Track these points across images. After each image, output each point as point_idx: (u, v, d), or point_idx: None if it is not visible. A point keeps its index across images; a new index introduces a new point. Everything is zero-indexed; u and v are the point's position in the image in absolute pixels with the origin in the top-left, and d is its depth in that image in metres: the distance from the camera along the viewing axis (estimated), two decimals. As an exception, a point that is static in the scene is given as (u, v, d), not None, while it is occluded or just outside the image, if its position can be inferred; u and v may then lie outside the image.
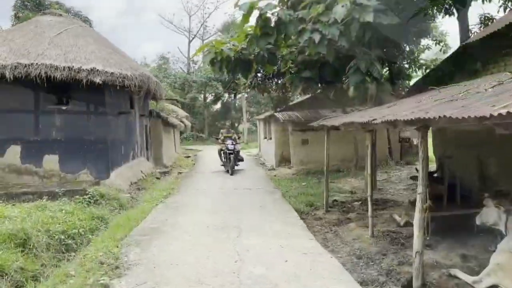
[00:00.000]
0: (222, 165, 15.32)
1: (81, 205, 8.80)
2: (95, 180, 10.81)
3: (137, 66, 12.93)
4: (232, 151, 14.75)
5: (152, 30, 73.07)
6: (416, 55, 16.96)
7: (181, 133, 33.60)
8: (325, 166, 8.77)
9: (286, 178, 13.25)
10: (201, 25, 44.67)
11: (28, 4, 23.06)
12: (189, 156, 25.78)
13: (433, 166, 11.96)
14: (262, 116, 19.79)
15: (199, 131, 42.13)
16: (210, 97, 43.71)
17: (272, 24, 8.90)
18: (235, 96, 43.96)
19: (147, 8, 63.59)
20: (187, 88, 40.21)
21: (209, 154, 25.11)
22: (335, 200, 9.81)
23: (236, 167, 15.08)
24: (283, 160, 16.02)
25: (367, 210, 8.82)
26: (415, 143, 15.84)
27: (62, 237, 6.64)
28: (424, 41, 17.30)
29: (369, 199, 6.51)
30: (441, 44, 17.52)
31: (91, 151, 11.08)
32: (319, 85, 12.84)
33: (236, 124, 45.57)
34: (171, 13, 64.08)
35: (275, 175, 14.26)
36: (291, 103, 14.85)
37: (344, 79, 11.09)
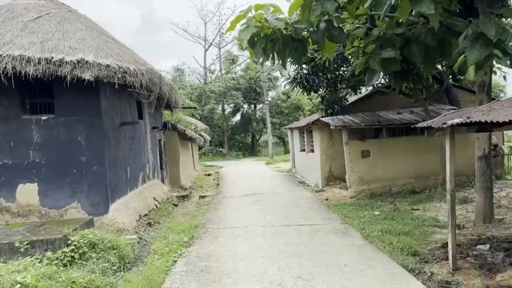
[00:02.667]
0: None
1: (58, 265, 5.65)
2: (88, 217, 7.67)
3: (145, 62, 9.88)
4: None
5: (168, 46, 71.12)
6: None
7: (199, 148, 30.62)
8: (448, 188, 5.35)
9: (346, 204, 9.86)
10: (217, 31, 41.97)
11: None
12: (209, 174, 22.64)
13: None
14: (298, 124, 16.47)
15: (218, 146, 39.04)
16: (228, 108, 40.74)
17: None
18: (255, 106, 41.08)
19: (163, 25, 61.35)
20: (204, 99, 37.33)
21: (233, 172, 21.88)
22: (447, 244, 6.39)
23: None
24: (332, 178, 12.65)
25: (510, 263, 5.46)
26: (506, 151, 12.28)
27: None
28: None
29: None
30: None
31: (82, 177, 7.99)
32: (386, 77, 9.58)
33: (258, 137, 42.42)
34: (186, 21, 60.99)
35: (327, 199, 10.87)
36: (346, 104, 11.53)
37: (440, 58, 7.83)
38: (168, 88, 11.54)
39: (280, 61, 7.05)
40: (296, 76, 9.90)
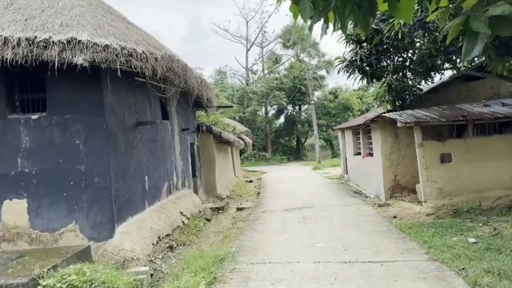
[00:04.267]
0: None
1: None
2: (84, 246, 5.96)
3: (163, 47, 8.12)
4: None
5: (215, 53, 70.33)
6: None
7: (241, 152, 28.87)
8: None
9: (423, 225, 7.46)
10: (260, 30, 40.04)
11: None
12: (251, 181, 20.76)
13: None
14: (352, 124, 14.07)
15: (261, 150, 37.10)
16: (272, 110, 38.72)
17: None
18: (300, 107, 38.79)
19: (209, 32, 59.94)
20: (246, 101, 35.59)
21: (276, 178, 19.80)
22: None
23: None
24: (397, 188, 10.21)
25: None
26: None
27: None
28: None
29: None
30: None
31: (81, 191, 6.28)
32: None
33: (303, 140, 40.04)
34: (227, 21, 59.13)
35: (395, 217, 8.51)
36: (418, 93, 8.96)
37: None
38: (198, 83, 9.74)
39: (339, 25, 4.83)
40: (354, 58, 7.63)
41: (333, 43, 66.16)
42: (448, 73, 10.27)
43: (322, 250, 6.11)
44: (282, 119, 40.38)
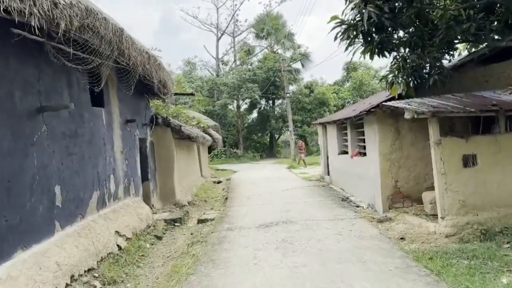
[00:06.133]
0: None
1: None
2: None
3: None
4: None
5: (190, 47, 67.22)
6: None
7: (210, 149, 26.39)
8: None
9: (447, 253, 5.36)
10: (231, 18, 37.41)
11: None
12: (220, 181, 18.44)
13: None
14: (337, 117, 11.87)
15: (233, 146, 34.71)
16: (244, 105, 36.34)
17: None
18: (274, 102, 36.60)
19: (184, 26, 56.38)
20: (216, 94, 33.06)
21: (248, 179, 17.52)
22: None
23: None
24: (399, 196, 8.13)
25: None
26: None
27: None
28: None
29: None
30: None
31: None
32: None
33: (277, 136, 37.92)
34: (196, 7, 55.36)
35: (402, 238, 6.40)
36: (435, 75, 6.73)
37: None
38: (144, 59, 7.35)
39: None
40: (358, 19, 5.32)
41: (308, 35, 64.44)
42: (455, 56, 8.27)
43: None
44: (254, 114, 38.14)
